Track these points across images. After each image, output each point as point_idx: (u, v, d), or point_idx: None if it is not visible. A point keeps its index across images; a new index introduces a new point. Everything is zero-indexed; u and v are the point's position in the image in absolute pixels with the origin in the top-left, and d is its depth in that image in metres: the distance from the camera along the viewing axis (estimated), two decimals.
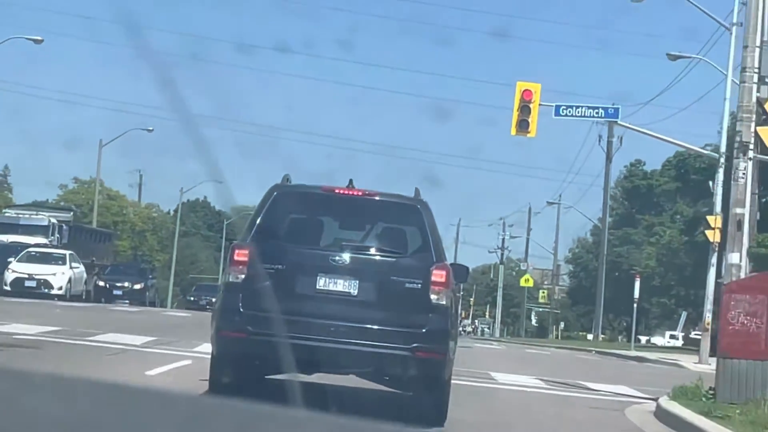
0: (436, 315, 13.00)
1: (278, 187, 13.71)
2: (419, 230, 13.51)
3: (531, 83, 40.44)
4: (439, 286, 13.06)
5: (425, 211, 13.59)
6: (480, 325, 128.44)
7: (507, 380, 19.78)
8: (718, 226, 38.90)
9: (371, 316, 13.01)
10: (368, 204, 13.70)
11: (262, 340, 12.11)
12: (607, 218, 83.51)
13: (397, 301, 13.06)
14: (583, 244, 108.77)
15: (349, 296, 13.11)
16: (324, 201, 13.78)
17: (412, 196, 13.94)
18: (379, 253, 13.38)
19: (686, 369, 36.20)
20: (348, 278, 13.12)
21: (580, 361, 34.34)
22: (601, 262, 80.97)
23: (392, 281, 13.12)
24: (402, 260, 13.31)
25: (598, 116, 40.99)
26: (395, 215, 13.84)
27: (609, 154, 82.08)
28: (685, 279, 67.81)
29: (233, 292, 12.99)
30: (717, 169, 39.80)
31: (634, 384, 21.94)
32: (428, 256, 13.23)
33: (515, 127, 39.82)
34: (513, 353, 36.56)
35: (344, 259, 13.15)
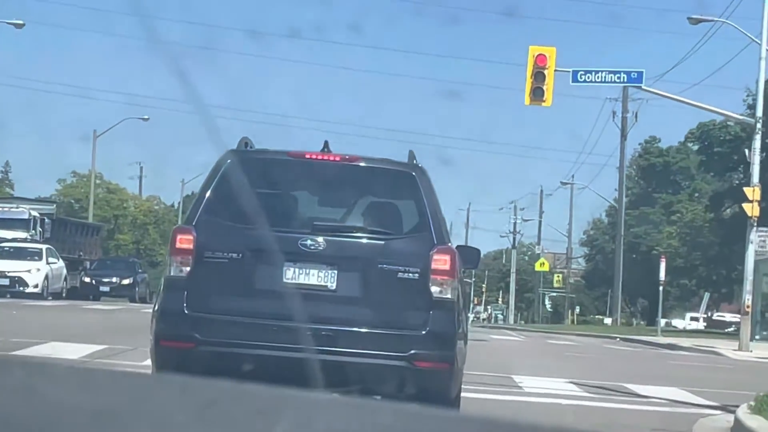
0: (438, 312, 9.79)
1: (233, 153, 10.30)
2: (415, 204, 10.15)
3: (545, 47, 36.82)
4: (442, 275, 9.79)
5: (422, 179, 10.16)
6: (493, 311, 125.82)
7: (535, 387, 16.19)
8: (756, 198, 35.29)
9: (354, 316, 9.77)
10: (349, 172, 10.25)
11: (213, 352, 9.58)
12: (624, 198, 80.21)
13: (388, 295, 9.82)
14: (598, 225, 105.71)
15: (326, 291, 9.82)
16: (292, 169, 10.31)
17: (404, 161, 10.43)
18: (364, 234, 9.98)
19: (726, 357, 32.97)
20: (324, 268, 9.82)
21: (610, 353, 30.74)
22: (618, 243, 77.99)
23: (381, 270, 9.77)
24: (393, 243, 9.89)
25: (620, 81, 37.36)
26: (384, 185, 10.40)
27: (624, 131, 79.13)
28: (709, 258, 64.30)
29: (176, 290, 9.91)
30: (754, 136, 36.02)
31: (685, 383, 18.40)
32: (427, 237, 9.91)
33: (529, 95, 36.28)
34: (534, 346, 32.96)
35: (318, 243, 9.72)
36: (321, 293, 9.72)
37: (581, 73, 37.33)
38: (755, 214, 35.53)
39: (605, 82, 37.43)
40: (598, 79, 37.18)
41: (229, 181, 10.02)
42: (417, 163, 10.44)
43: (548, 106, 36.70)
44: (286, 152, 10.31)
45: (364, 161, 10.22)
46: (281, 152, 10.35)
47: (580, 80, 37.19)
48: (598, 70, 37.27)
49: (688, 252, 64.46)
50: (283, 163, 10.25)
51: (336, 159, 10.18)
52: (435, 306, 9.74)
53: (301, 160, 10.20)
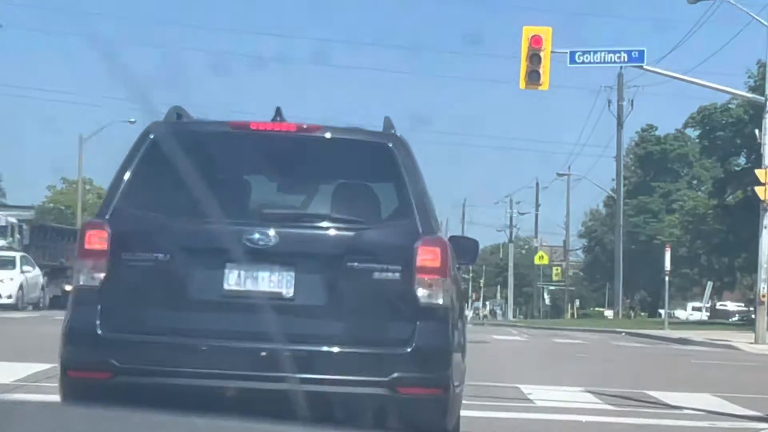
0: (427, 323, 7.58)
1: (158, 125, 8.13)
2: (394, 184, 7.94)
3: (540, 27, 34.63)
4: (431, 274, 7.61)
5: (402, 152, 7.97)
6: (492, 306, 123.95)
7: (547, 400, 13.98)
8: None
9: (318, 331, 7.56)
10: (307, 145, 8.05)
11: (135, 384, 7.39)
12: (622, 187, 78.32)
13: (361, 303, 7.63)
14: (596, 216, 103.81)
15: (280, 300, 7.57)
16: (234, 144, 8.08)
17: (379, 131, 8.23)
18: (329, 224, 7.77)
19: (744, 352, 30.94)
20: (277, 269, 7.59)
21: (621, 352, 28.56)
22: (617, 233, 76.25)
23: (351, 271, 7.59)
24: (367, 235, 7.69)
25: (621, 61, 35.18)
26: (353, 161, 8.18)
27: (620, 119, 77.53)
28: (713, 247, 62.20)
29: (86, 304, 7.66)
30: (764, 115, 33.81)
31: (713, 388, 16.28)
32: (410, 226, 7.71)
33: (524, 79, 34.12)
34: (539, 346, 30.76)
35: (269, 237, 7.52)
36: (274, 303, 7.51)
37: (579, 53, 35.19)
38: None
39: (605, 62, 35.32)
40: (597, 60, 35.05)
41: (153, 160, 7.83)
42: (395, 132, 8.22)
43: (545, 89, 34.57)
44: (227, 122, 8.08)
45: (326, 131, 8.00)
46: (221, 123, 8.12)
47: (578, 61, 35.04)
48: (597, 50, 35.17)
49: (691, 241, 62.29)
50: (223, 137, 8.01)
51: (291, 129, 7.98)
52: (422, 315, 7.55)
53: (245, 132, 7.98)
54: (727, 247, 60.95)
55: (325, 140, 7.97)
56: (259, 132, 7.94)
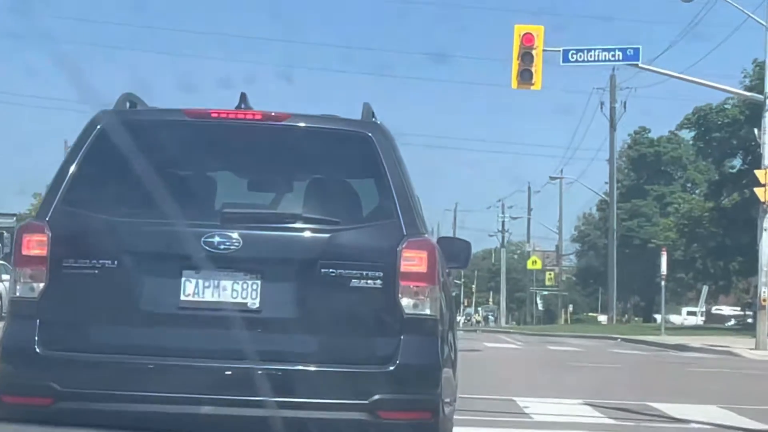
0: (413, 337, 6.67)
1: (107, 114, 7.16)
2: (374, 178, 7.00)
3: (531, 26, 33.73)
4: (417, 281, 6.70)
5: (383, 142, 7.04)
6: (484, 312, 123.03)
7: (545, 414, 13.04)
8: None
9: (288, 347, 6.61)
10: (276, 136, 7.11)
11: (80, 410, 6.47)
12: (615, 190, 77.51)
13: (337, 314, 6.67)
14: (589, 220, 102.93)
15: (245, 312, 6.64)
16: (192, 135, 7.12)
17: (357, 119, 7.28)
18: (300, 225, 6.79)
19: (745, 358, 30.03)
20: (241, 277, 6.67)
21: (618, 360, 27.60)
22: (610, 238, 75.43)
23: (326, 278, 6.66)
24: (343, 237, 6.76)
25: (615, 59, 34.15)
26: (328, 154, 7.19)
27: (612, 121, 76.69)
28: (709, 250, 61.29)
29: (24, 318, 6.74)
30: (763, 114, 32.91)
31: (719, 399, 15.40)
32: (393, 226, 6.80)
33: (516, 78, 33.22)
34: (534, 354, 29.78)
35: (232, 240, 6.61)
36: (237, 315, 6.58)
37: (572, 52, 34.25)
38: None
39: (599, 61, 34.31)
40: (591, 58, 34.10)
41: (100, 154, 6.90)
42: (376, 121, 7.27)
43: (537, 89, 33.67)
44: (183, 110, 7.12)
45: (296, 120, 7.06)
46: (176, 111, 7.15)
47: (571, 60, 34.11)
48: (591, 48, 34.22)
49: (687, 244, 61.37)
50: (180, 126, 7.05)
51: (256, 118, 7.03)
52: (407, 327, 6.63)
53: (205, 121, 7.05)
54: (723, 250, 60.06)
55: (296, 130, 7.03)
56: (220, 121, 7.00)
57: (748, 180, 53.20)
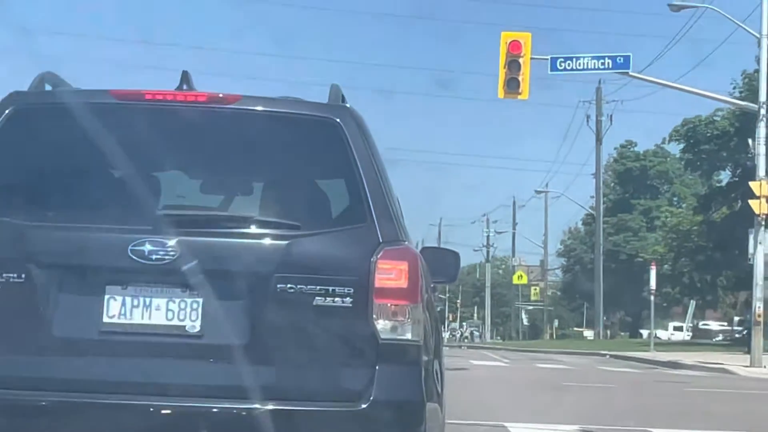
0: (390, 367, 5.43)
1: (18, 97, 5.89)
2: (343, 174, 5.75)
3: (519, 33, 32.65)
4: (395, 298, 5.47)
5: (353, 130, 5.79)
6: (469, 327, 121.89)
7: None
8: (764, 193, 31.04)
9: (236, 380, 5.34)
10: (225, 122, 5.83)
11: None
12: (601, 204, 76.61)
13: (297, 340, 5.43)
14: (575, 234, 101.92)
15: (183, 337, 5.40)
16: (122, 121, 5.81)
17: (323, 102, 5.98)
18: (252, 230, 5.54)
19: (739, 376, 28.98)
20: (177, 294, 5.43)
21: (610, 378, 26.38)
22: (597, 252, 74.39)
23: (283, 295, 5.40)
24: (305, 244, 5.50)
25: (605, 68, 33.05)
26: (288, 144, 5.90)
27: (599, 135, 75.91)
28: (698, 264, 60.26)
29: None
30: (758, 123, 31.82)
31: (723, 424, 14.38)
32: (366, 232, 5.56)
33: (503, 87, 32.10)
34: (522, 374, 28.51)
35: (166, 248, 5.38)
36: (173, 341, 5.35)
37: (561, 60, 33.17)
38: (763, 211, 31.28)
39: (588, 69, 33.24)
40: (579, 66, 33.02)
41: (9, 143, 5.67)
42: (346, 104, 6.03)
43: (524, 98, 32.57)
44: (110, 92, 5.87)
45: (249, 103, 5.81)
46: (101, 92, 5.89)
47: (559, 68, 33.03)
48: (580, 56, 33.15)
49: (675, 258, 60.32)
50: (106, 111, 5.77)
51: (200, 100, 5.79)
52: (384, 356, 5.40)
53: (137, 105, 5.79)
54: (712, 264, 59.04)
55: (248, 115, 5.78)
56: (156, 104, 5.76)
57: (737, 193, 52.36)
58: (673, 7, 40.97)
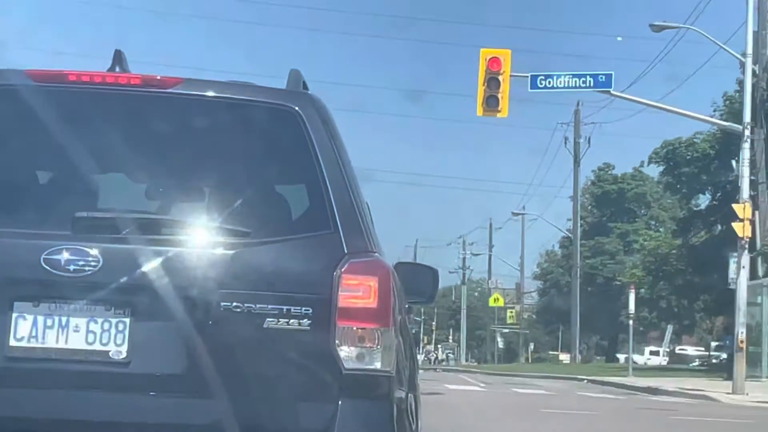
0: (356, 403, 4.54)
1: None
2: (303, 172, 4.86)
3: (498, 50, 31.87)
4: (362, 320, 4.57)
5: (314, 121, 4.91)
6: (445, 350, 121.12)
7: None
8: (748, 216, 30.32)
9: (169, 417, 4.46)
10: (163, 110, 4.94)
11: None
12: (578, 227, 76.08)
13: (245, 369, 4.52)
14: (551, 257, 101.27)
15: (106, 364, 4.49)
16: (39, 106, 4.88)
17: (280, 89, 5.08)
18: (192, 237, 4.64)
19: (722, 403, 28.05)
20: (101, 314, 4.51)
21: (590, 404, 25.54)
22: (574, 275, 73.89)
23: (228, 315, 4.50)
24: (255, 254, 4.61)
25: (586, 86, 32.30)
26: (237, 135, 5.00)
27: (577, 157, 75.53)
28: (676, 288, 59.61)
29: None
30: (742, 145, 31.12)
31: None
32: (327, 241, 4.69)
33: (482, 105, 31.33)
34: (500, 398, 27.59)
35: (88, 257, 4.48)
36: (95, 370, 4.44)
37: (541, 78, 32.45)
38: (747, 234, 30.56)
39: (569, 87, 32.49)
40: (560, 84, 32.28)
41: None
42: (307, 92, 5.14)
43: (504, 116, 31.81)
44: (26, 72, 4.96)
45: (192, 87, 4.92)
46: (17, 72, 4.97)
47: (540, 86, 32.31)
48: (561, 74, 32.37)
49: (653, 282, 59.65)
50: (21, 94, 4.87)
51: (133, 83, 4.90)
52: (348, 389, 4.51)
53: (57, 88, 4.89)
54: (690, 288, 58.37)
55: (190, 101, 4.88)
56: (81, 87, 4.87)
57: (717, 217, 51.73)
58: (655, 27, 40.43)
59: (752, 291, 35.89)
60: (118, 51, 5.03)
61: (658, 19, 40.69)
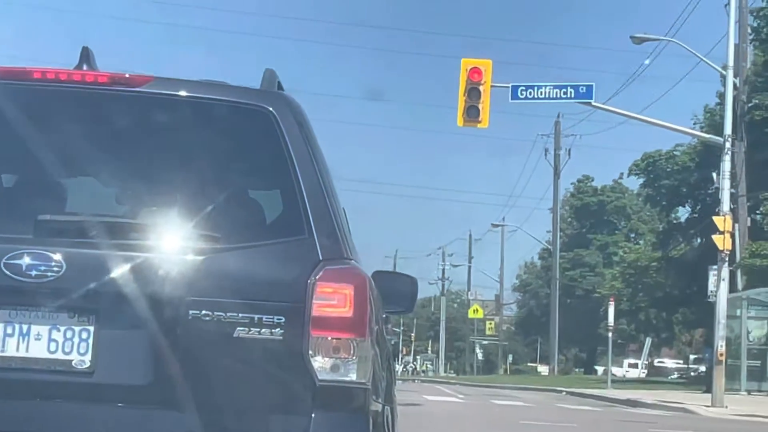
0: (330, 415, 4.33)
1: None
2: (276, 175, 4.68)
3: (480, 60, 31.76)
4: (337, 330, 4.37)
5: (290, 123, 4.70)
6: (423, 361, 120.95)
7: None
8: (728, 229, 30.26)
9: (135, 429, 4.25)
10: (131, 109, 4.74)
11: None
12: (558, 239, 76.15)
13: (214, 380, 4.30)
14: (531, 269, 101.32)
15: (70, 374, 4.27)
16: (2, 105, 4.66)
17: (254, 88, 4.88)
18: (159, 241, 4.43)
19: (701, 416, 28.01)
20: (64, 321, 4.31)
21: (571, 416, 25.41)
22: (553, 287, 73.70)
23: (196, 324, 4.29)
24: (225, 260, 4.40)
25: (567, 97, 32.22)
26: (209, 136, 4.80)
27: (557, 169, 75.63)
28: (656, 300, 59.65)
29: None
30: (723, 157, 31.07)
31: None
32: (301, 247, 4.47)
33: (462, 116, 31.21)
34: (479, 411, 27.43)
35: (50, 263, 4.27)
36: (57, 380, 4.26)
37: (522, 88, 32.34)
38: (727, 247, 30.50)
39: (550, 98, 32.40)
40: (541, 95, 32.19)
41: None
42: (282, 92, 4.96)
43: (484, 126, 31.72)
44: None
45: (162, 86, 4.73)
46: None
47: (520, 96, 32.23)
48: (542, 85, 32.28)
49: (632, 294, 59.68)
50: None
51: (101, 81, 4.71)
52: (322, 401, 4.33)
53: (21, 86, 4.69)
54: (670, 301, 58.44)
55: (160, 100, 4.69)
56: (45, 85, 4.67)
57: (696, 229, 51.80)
58: (635, 39, 40.49)
59: (732, 304, 35.88)
60: (86, 48, 4.84)
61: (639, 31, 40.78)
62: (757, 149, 42.61)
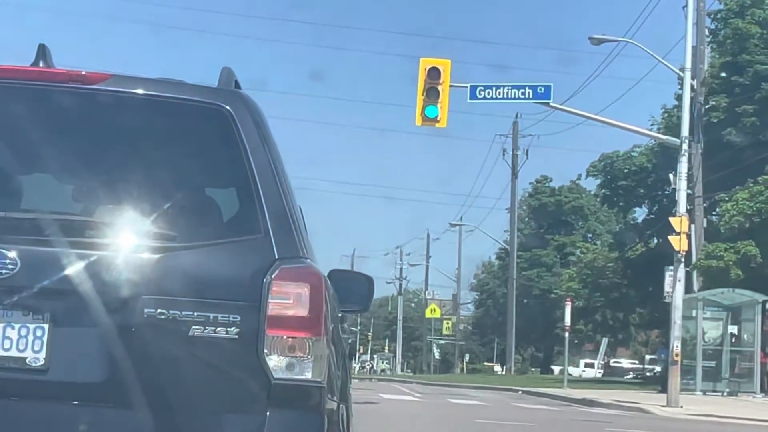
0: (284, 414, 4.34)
1: None
2: (232, 174, 4.69)
3: (438, 59, 31.79)
4: (293, 329, 4.38)
5: (247, 122, 4.72)
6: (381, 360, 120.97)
7: None
8: (684, 230, 30.41)
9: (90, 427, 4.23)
10: (86, 106, 4.73)
11: None
12: (515, 239, 76.29)
13: (168, 379, 4.31)
14: (488, 269, 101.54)
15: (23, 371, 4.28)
16: None
17: (211, 87, 4.87)
18: (114, 240, 4.43)
19: (656, 416, 28.15)
20: (18, 319, 4.31)
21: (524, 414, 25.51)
22: (510, 287, 73.85)
23: (151, 322, 4.30)
24: (180, 258, 4.41)
25: (525, 97, 32.27)
26: (165, 135, 4.81)
27: (515, 169, 75.73)
28: (612, 301, 59.95)
29: None
30: (679, 158, 31.24)
31: None
32: (257, 246, 4.49)
33: (421, 115, 31.17)
34: (436, 408, 27.45)
35: (5, 261, 4.28)
36: (11, 378, 4.25)
37: (480, 88, 32.36)
38: (683, 248, 30.61)
39: (508, 98, 32.42)
40: (499, 96, 32.22)
41: None
42: (239, 91, 4.97)
43: (443, 126, 31.73)
44: None
45: (118, 84, 4.71)
46: None
47: (479, 97, 32.24)
48: (500, 85, 32.32)
49: (589, 294, 59.92)
50: None
51: (57, 79, 4.69)
52: (277, 399, 4.35)
53: None
54: (626, 301, 58.75)
55: (116, 98, 4.68)
56: (0, 82, 4.65)
57: (653, 230, 52.11)
58: (594, 40, 40.64)
59: (687, 305, 36.07)
60: (42, 45, 4.83)
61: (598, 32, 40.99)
62: (714, 151, 42.91)
